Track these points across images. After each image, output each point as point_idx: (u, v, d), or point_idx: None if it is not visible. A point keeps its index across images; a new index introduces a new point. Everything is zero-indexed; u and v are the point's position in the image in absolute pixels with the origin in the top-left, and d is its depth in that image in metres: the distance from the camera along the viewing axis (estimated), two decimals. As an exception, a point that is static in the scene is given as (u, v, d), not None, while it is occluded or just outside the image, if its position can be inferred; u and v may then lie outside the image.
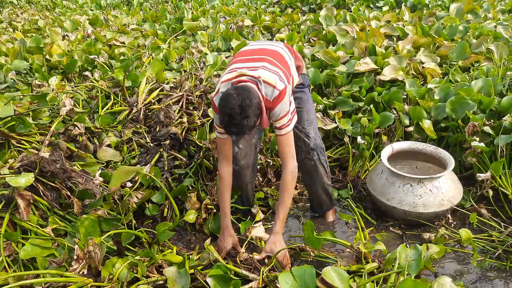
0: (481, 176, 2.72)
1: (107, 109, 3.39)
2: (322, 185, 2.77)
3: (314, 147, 2.61)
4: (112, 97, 3.51)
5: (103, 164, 2.90)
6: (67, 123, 3.08)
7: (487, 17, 5.64)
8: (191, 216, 2.64)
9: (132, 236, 2.38)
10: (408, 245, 2.09)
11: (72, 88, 3.76)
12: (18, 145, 2.79)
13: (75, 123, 2.99)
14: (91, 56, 4.52)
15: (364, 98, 3.63)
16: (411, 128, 3.30)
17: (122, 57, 4.63)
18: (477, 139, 2.95)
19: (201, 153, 2.98)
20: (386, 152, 2.90)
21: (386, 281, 2.07)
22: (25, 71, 4.35)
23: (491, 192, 2.74)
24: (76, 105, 3.35)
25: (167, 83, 3.64)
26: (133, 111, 3.31)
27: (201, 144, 3.06)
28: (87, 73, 4.07)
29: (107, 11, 8.97)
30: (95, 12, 8.76)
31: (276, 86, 2.14)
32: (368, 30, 4.77)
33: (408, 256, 1.88)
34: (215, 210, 2.70)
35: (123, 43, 5.24)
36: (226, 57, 4.61)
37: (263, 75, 2.16)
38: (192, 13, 7.15)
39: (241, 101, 1.98)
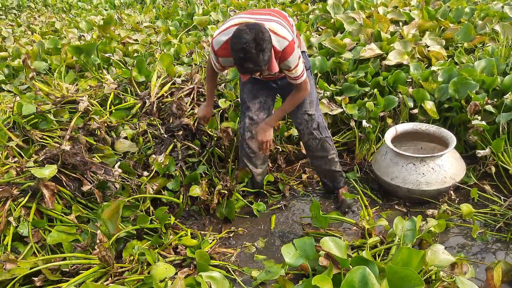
0: (480, 152, 2.80)
1: (116, 104, 3.53)
2: (331, 161, 2.87)
3: (316, 126, 2.72)
4: (120, 93, 3.66)
5: (121, 155, 3.08)
6: (85, 118, 3.27)
7: (496, -2, 5.62)
8: (196, 190, 2.79)
9: (148, 220, 2.54)
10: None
11: (89, 86, 3.95)
12: (41, 140, 2.99)
13: (92, 116, 3.17)
14: (106, 55, 4.71)
15: (370, 83, 3.72)
16: (415, 110, 3.38)
17: (136, 54, 4.81)
18: (479, 117, 3.01)
19: (213, 142, 3.13)
20: (390, 133, 3.00)
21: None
22: (45, 72, 4.57)
23: (493, 169, 2.82)
24: (93, 102, 3.53)
25: (179, 77, 3.79)
26: (146, 105, 3.47)
27: (212, 134, 3.21)
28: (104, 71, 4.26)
29: (121, 10, 9.18)
30: (110, 12, 8.98)
31: (286, 37, 2.17)
32: (374, 17, 4.83)
33: (404, 227, 1.99)
34: (227, 194, 2.85)
35: (136, 40, 5.42)
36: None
37: (271, 25, 2.17)
38: (203, 8, 7.29)
39: (255, 34, 1.98)
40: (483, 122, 2.94)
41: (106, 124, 3.27)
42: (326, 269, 2.00)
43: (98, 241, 2.28)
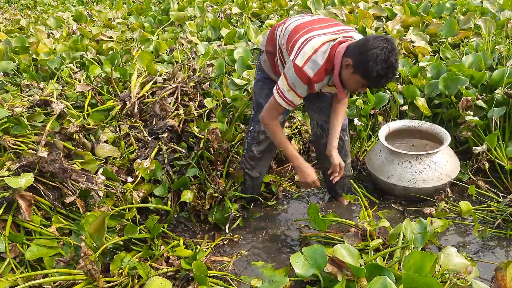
0: (477, 149, 2.77)
1: (93, 106, 3.33)
2: (348, 165, 2.78)
3: (343, 128, 2.61)
4: (99, 91, 3.45)
5: (102, 160, 2.90)
6: (59, 121, 3.06)
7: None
8: (187, 195, 2.64)
9: (137, 231, 2.38)
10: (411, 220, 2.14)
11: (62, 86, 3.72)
12: (14, 146, 2.77)
13: (69, 118, 2.97)
14: (79, 53, 4.47)
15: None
16: (405, 107, 3.34)
17: (111, 52, 4.58)
18: (471, 113, 2.99)
19: (202, 144, 2.98)
20: (383, 131, 2.94)
21: (391, 257, 2.12)
22: (13, 72, 4.29)
23: (487, 164, 2.79)
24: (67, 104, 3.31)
25: (160, 75, 3.62)
26: (127, 106, 3.29)
27: (200, 135, 3.06)
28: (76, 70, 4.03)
29: (90, 6, 8.83)
30: (78, 8, 8.62)
31: None
32: (357, 12, 4.78)
33: (413, 230, 1.91)
34: (220, 197, 2.71)
35: (111, 37, 5.18)
36: (218, 46, 4.59)
37: (354, 35, 2.11)
38: (178, 3, 7.08)
39: (390, 41, 1.88)
40: (476, 118, 2.91)
41: (84, 128, 3.07)
42: (331, 276, 1.91)
43: (82, 254, 2.11)
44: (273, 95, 2.20)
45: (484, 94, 3.12)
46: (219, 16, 5.92)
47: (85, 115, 3.17)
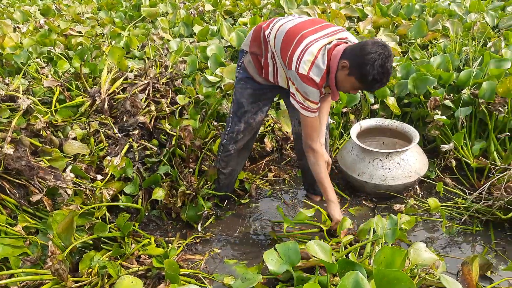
0: (445, 147, 2.84)
1: (61, 102, 3.24)
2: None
3: (326, 126, 2.62)
4: (69, 87, 3.36)
5: (71, 158, 2.82)
6: (26, 117, 2.96)
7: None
8: (159, 193, 2.61)
9: (106, 229, 2.33)
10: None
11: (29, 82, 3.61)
12: (-23, 144, 2.66)
13: (35, 114, 2.87)
14: (47, 48, 4.34)
15: (329, 79, 3.69)
16: (376, 106, 3.40)
17: (80, 47, 4.47)
18: (439, 112, 3.06)
19: (174, 141, 2.94)
20: (355, 129, 2.98)
21: (361, 254, 2.15)
22: (-23, 66, 4.14)
23: (454, 162, 2.87)
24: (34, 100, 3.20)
25: (131, 71, 3.55)
26: (96, 102, 3.21)
27: (172, 133, 3.03)
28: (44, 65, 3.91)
29: (58, 0, 8.58)
30: (46, 2, 8.37)
31: None
32: (329, 12, 4.82)
33: (384, 226, 1.95)
34: (193, 195, 2.68)
35: (80, 32, 5.05)
36: (190, 43, 4.55)
37: (347, 35, 2.15)
38: (150, -1, 6.98)
39: (387, 48, 1.92)
40: (444, 117, 2.99)
41: (51, 124, 2.98)
42: (301, 271, 1.93)
43: (49, 253, 2.05)
44: (301, 116, 2.24)
45: (451, 94, 3.21)
46: (191, 13, 5.87)
47: (53, 111, 3.08)
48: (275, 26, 2.25)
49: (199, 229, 2.65)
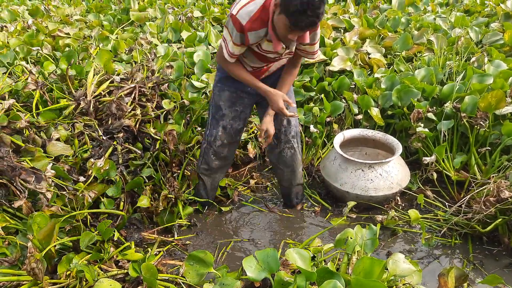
0: (426, 159, 2.88)
1: (44, 104, 3.21)
2: (299, 174, 2.82)
3: (294, 134, 2.62)
4: (54, 90, 3.32)
5: (52, 158, 2.79)
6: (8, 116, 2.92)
7: (427, 10, 5.94)
8: (144, 201, 2.60)
9: (91, 237, 2.29)
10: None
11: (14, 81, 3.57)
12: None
13: (17, 113, 2.84)
14: (34, 48, 4.30)
15: (315, 88, 3.73)
16: (360, 116, 3.43)
17: (67, 49, 4.44)
18: (422, 125, 3.11)
19: (158, 144, 2.93)
20: (338, 139, 3.00)
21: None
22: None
23: (435, 175, 2.91)
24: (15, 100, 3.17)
25: (118, 75, 3.54)
26: (81, 105, 3.19)
27: (156, 137, 3.02)
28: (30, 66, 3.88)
29: (47, 1, 8.52)
30: (34, 2, 8.30)
31: None
32: (317, 22, 4.87)
33: (364, 236, 1.97)
34: (174, 199, 2.68)
35: (68, 34, 5.02)
36: (178, 48, 4.55)
37: None
38: (139, 3, 6.97)
39: None
40: (426, 130, 3.04)
41: (34, 125, 2.95)
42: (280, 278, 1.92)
43: (28, 254, 2.02)
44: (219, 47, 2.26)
45: (434, 107, 3.26)
46: (180, 19, 5.88)
47: (34, 114, 3.04)
48: None
49: (175, 235, 2.65)
